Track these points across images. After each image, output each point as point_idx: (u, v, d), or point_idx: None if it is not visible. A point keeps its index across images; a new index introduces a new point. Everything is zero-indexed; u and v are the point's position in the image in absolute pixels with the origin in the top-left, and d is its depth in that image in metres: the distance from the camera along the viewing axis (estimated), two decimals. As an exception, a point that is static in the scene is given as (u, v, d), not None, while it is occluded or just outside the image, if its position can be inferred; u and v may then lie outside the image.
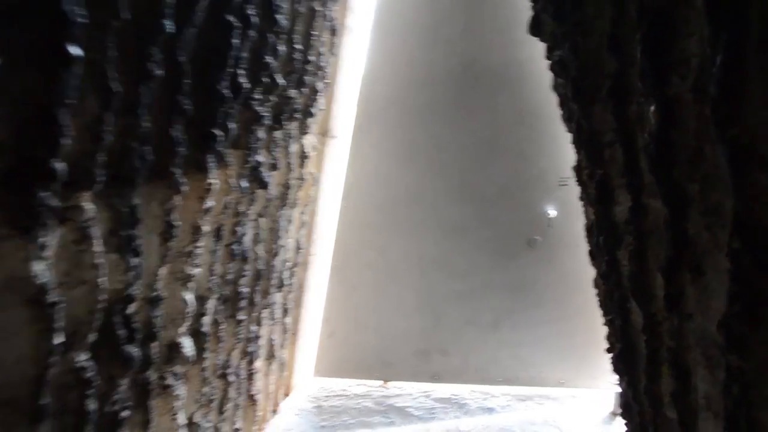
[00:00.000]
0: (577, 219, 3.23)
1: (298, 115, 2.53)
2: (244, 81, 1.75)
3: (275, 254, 2.48)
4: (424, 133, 3.20)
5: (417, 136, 3.20)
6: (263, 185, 2.16)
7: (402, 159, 3.20)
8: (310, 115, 2.68)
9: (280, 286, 2.66)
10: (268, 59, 1.97)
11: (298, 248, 2.85)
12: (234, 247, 2.00)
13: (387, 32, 3.22)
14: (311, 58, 2.48)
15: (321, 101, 2.84)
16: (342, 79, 3.10)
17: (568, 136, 3.24)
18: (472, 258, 3.21)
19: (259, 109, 1.97)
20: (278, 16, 1.96)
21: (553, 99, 3.21)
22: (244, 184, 1.99)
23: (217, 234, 1.83)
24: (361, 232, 3.20)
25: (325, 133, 3.05)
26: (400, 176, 3.20)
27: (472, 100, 3.20)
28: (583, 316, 3.24)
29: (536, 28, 2.15)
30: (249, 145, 1.98)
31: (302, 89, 2.48)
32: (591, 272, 3.23)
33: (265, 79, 1.97)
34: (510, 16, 3.18)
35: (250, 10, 1.70)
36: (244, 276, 2.15)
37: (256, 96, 1.93)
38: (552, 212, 3.14)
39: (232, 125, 1.73)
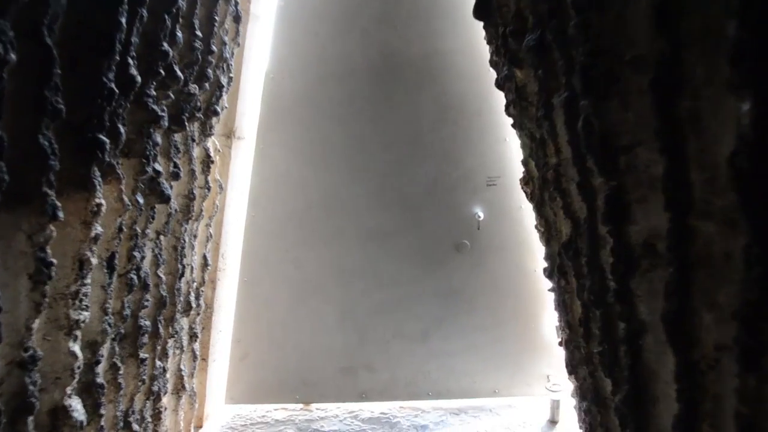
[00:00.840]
0: (507, 221, 3.07)
1: (200, 115, 2.24)
2: (135, 72, 1.43)
3: (180, 275, 2.20)
4: (339, 133, 2.94)
5: (332, 135, 2.93)
6: (164, 198, 1.87)
7: (316, 161, 2.93)
8: (214, 113, 2.39)
9: (187, 309, 2.38)
10: (165, 46, 1.65)
11: (204, 265, 2.56)
12: (131, 276, 1.71)
13: (296, 21, 2.93)
14: (214, 47, 2.19)
15: (225, 99, 2.55)
16: (247, 72, 2.80)
17: (495, 132, 3.07)
18: (397, 266, 2.98)
19: (155, 107, 1.66)
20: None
21: (478, 93, 3.02)
22: (141, 199, 1.69)
23: (110, 264, 1.52)
24: (272, 243, 2.92)
25: (229, 135, 2.75)
26: (315, 180, 2.93)
27: (392, 95, 2.96)
28: (516, 321, 3.09)
29: (484, 10, 1.91)
30: (145, 152, 1.66)
31: (205, 84, 2.18)
32: (522, 275, 3.09)
33: (161, 71, 1.65)
34: (430, 5, 2.95)
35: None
36: (144, 307, 1.85)
37: (151, 91, 1.62)
38: (481, 214, 2.94)
39: (122, 128, 1.42)
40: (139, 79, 1.47)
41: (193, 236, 2.40)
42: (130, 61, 1.42)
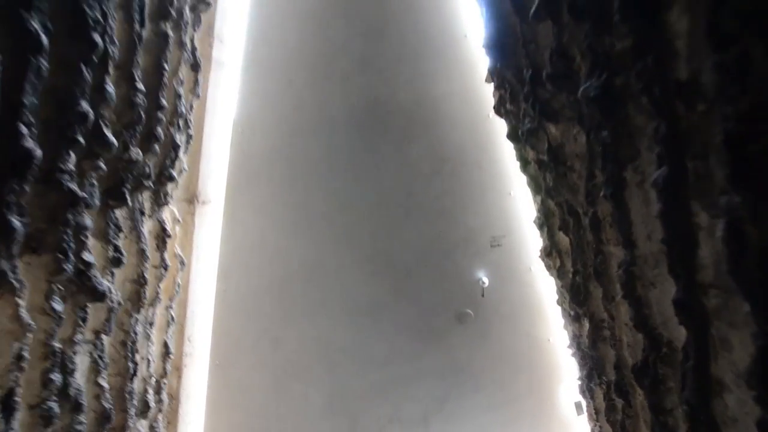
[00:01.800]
0: (515, 285, 2.70)
1: (150, 183, 1.91)
2: (31, 145, 1.11)
3: (132, 374, 1.88)
4: (320, 192, 2.60)
5: (311, 196, 2.59)
6: (97, 296, 1.54)
7: (294, 226, 2.59)
8: (170, 179, 2.06)
9: (144, 410, 2.06)
10: (83, 106, 1.32)
11: (166, 354, 2.23)
12: (48, 405, 1.37)
13: (267, 67, 2.61)
14: (164, 102, 1.87)
15: (184, 160, 2.22)
16: (211, 127, 2.48)
17: (498, 186, 2.72)
18: (391, 342, 2.62)
19: (72, 186, 1.32)
20: (96, 37, 1.32)
21: (477, 142, 2.68)
22: (59, 305, 1.36)
23: (6, 404, 1.19)
24: (247, 321, 2.57)
25: (192, 200, 2.42)
26: (293, 247, 2.59)
27: (379, 148, 2.62)
28: (529, 398, 2.73)
29: (499, 47, 1.75)
30: (61, 245, 1.33)
31: (154, 146, 1.86)
32: (535, 346, 2.73)
33: (80, 138, 1.32)
34: (419, 44, 2.62)
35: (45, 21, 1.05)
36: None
37: (67, 166, 1.29)
38: (485, 280, 2.58)
39: (18, 221, 1.11)
40: (38, 152, 1.13)
41: (148, 324, 2.08)
42: (23, 129, 1.09)
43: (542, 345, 2.70)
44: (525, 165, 2.06)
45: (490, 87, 2.20)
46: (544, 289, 2.66)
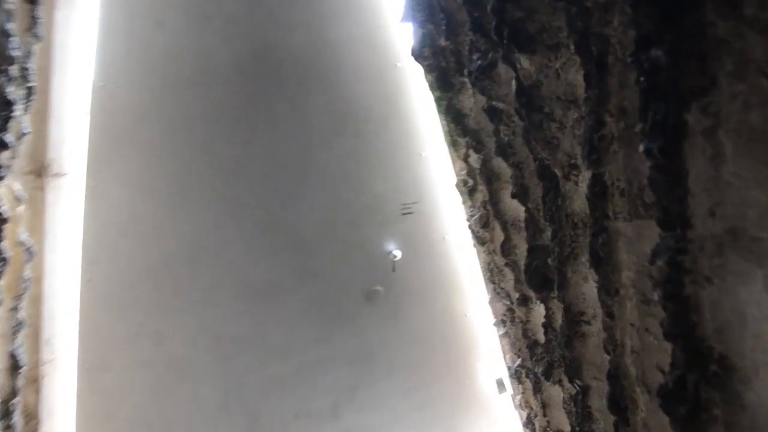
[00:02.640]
0: (429, 257, 3.13)
1: None
2: None
3: None
4: (201, 158, 2.83)
5: (191, 162, 2.82)
6: None
7: (171, 199, 2.82)
8: (2, 145, 2.15)
9: None
10: None
11: (14, 367, 2.36)
12: None
13: (132, 8, 2.73)
14: None
15: (24, 120, 2.32)
16: (62, 80, 2.58)
17: (408, 145, 3.09)
18: (292, 328, 2.98)
19: None
20: None
21: (384, 95, 3.01)
22: None
23: None
24: (121, 315, 2.79)
25: (41, 172, 2.53)
26: (172, 225, 2.82)
27: (271, 103, 2.88)
28: (446, 379, 3.22)
29: None
30: None
31: None
32: (450, 322, 3.19)
33: None
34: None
35: None
36: None
37: None
38: (396, 253, 2.97)
39: None
40: None
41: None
42: None
43: (459, 321, 3.19)
44: (456, 119, 2.35)
45: (399, 30, 2.46)
46: (460, 260, 3.11)
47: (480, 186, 2.38)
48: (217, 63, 2.85)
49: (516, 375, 2.63)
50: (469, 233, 2.75)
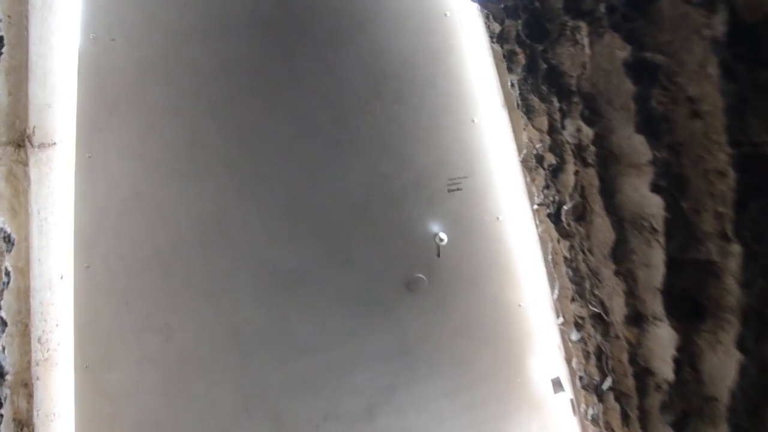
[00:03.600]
0: (479, 240, 2.70)
1: None
2: None
3: None
4: (215, 124, 2.42)
5: (202, 129, 2.40)
6: None
7: (179, 173, 2.42)
8: None
9: None
10: None
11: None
12: None
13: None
14: None
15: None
16: (44, 31, 2.18)
17: (458, 110, 2.64)
18: (323, 321, 2.61)
19: None
20: None
21: (430, 48, 2.54)
22: None
23: None
24: (124, 306, 2.42)
25: (22, 142, 2.17)
26: (181, 202, 2.42)
27: (295, 59, 2.44)
28: (496, 377, 2.84)
29: None
30: None
31: None
32: (502, 313, 2.79)
33: None
34: None
35: None
36: None
37: None
38: (442, 236, 2.55)
39: None
40: None
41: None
42: None
43: (511, 312, 2.77)
44: (549, 78, 1.85)
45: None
46: (514, 242, 2.68)
47: (573, 166, 1.91)
48: (232, 10, 2.41)
49: (599, 392, 2.19)
50: (530, 216, 2.32)
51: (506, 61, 2.26)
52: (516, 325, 2.82)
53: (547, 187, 2.14)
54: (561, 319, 2.38)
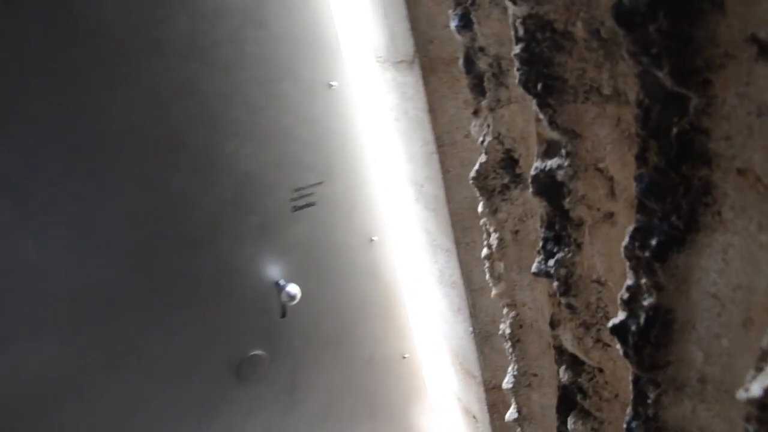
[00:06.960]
0: (343, 279, 1.70)
1: None
2: None
3: None
4: None
5: None
6: None
7: None
8: None
9: None
10: None
11: None
12: None
13: None
14: None
15: None
16: None
17: (313, 75, 1.49)
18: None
19: None
20: None
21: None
22: None
23: None
24: None
25: None
26: None
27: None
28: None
29: None
30: None
31: None
32: (380, 376, 1.86)
33: None
34: None
35: None
36: None
37: None
38: (291, 289, 1.54)
39: None
40: None
41: None
42: None
43: (393, 368, 1.86)
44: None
45: None
46: (396, 271, 1.76)
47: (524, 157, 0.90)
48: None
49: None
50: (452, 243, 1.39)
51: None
52: (401, 384, 1.92)
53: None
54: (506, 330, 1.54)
